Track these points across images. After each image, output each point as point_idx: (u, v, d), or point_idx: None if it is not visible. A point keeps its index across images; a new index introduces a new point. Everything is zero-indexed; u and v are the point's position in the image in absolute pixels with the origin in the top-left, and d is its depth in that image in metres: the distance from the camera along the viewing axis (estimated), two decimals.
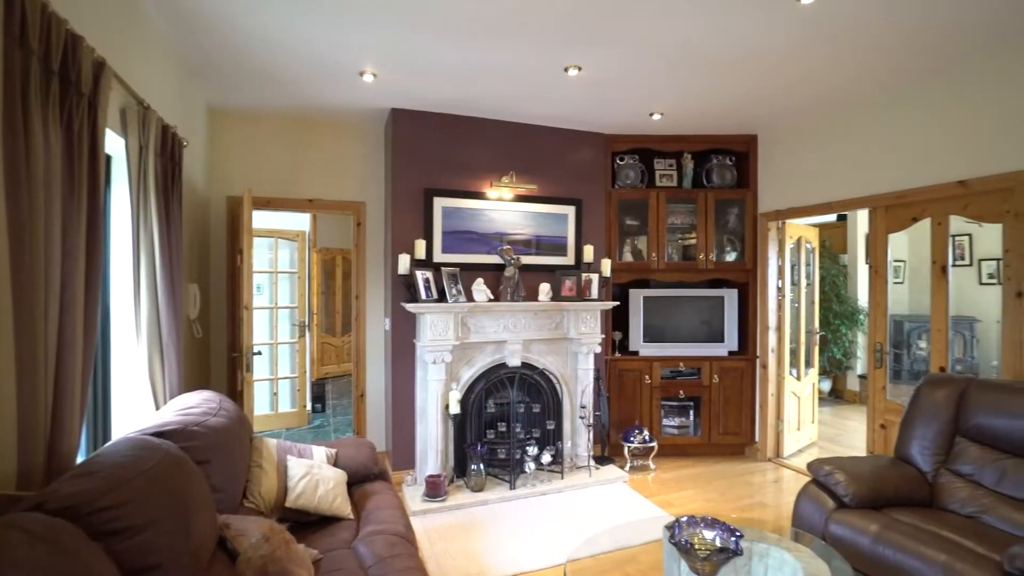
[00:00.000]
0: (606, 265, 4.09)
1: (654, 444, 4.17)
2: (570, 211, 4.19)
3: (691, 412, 4.45)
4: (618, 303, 4.25)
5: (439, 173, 3.90)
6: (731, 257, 4.48)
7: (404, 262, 3.64)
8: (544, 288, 3.93)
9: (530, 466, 3.71)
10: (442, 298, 3.66)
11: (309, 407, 5.72)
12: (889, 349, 3.57)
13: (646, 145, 4.41)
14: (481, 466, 3.61)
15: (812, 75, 3.19)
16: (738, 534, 1.79)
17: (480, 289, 3.76)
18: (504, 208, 4.03)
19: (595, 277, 4.01)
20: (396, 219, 3.81)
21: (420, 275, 3.61)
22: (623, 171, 4.41)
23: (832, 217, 6.27)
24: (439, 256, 3.87)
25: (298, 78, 3.25)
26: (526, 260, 4.02)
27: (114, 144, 2.10)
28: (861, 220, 6.21)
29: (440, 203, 3.88)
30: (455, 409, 3.62)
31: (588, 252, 4.09)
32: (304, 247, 5.76)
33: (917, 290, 5.49)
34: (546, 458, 3.77)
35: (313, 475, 2.21)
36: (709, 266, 4.38)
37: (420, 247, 3.71)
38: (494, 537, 3.05)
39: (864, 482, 2.38)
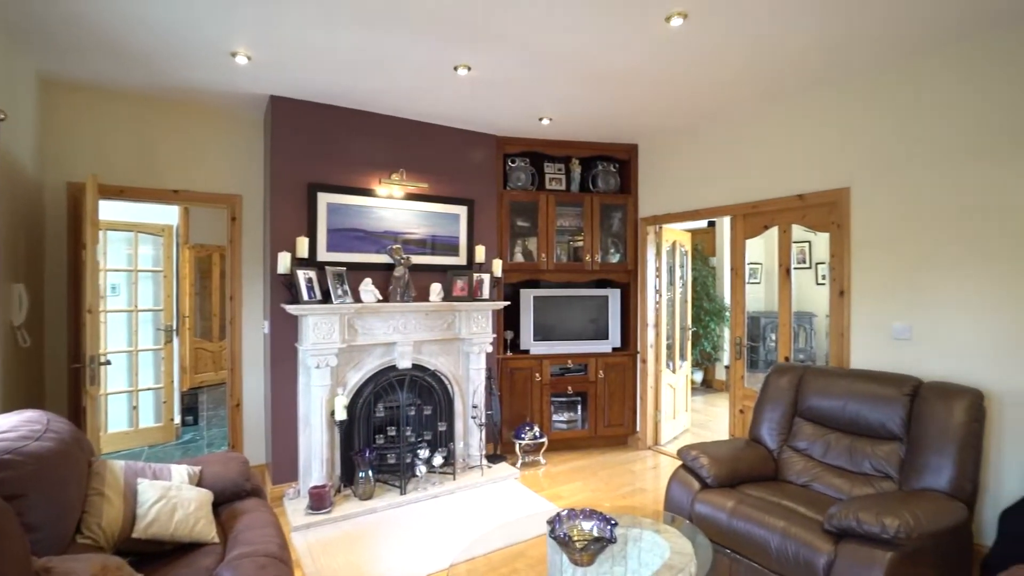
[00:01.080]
0: (497, 265, 4.14)
1: (544, 439, 4.31)
2: (462, 211, 4.19)
3: (579, 407, 4.66)
4: (509, 303, 4.34)
5: (324, 167, 3.70)
6: (615, 259, 4.76)
7: (284, 261, 3.40)
8: (435, 288, 3.88)
9: (421, 469, 3.65)
10: (327, 299, 3.48)
11: (178, 420, 5.15)
12: (747, 342, 4.01)
13: (536, 149, 4.54)
14: (370, 473, 3.48)
15: (682, 93, 3.48)
16: (613, 523, 1.89)
17: (368, 289, 3.63)
18: (394, 206, 3.92)
19: (487, 277, 4.05)
20: (276, 214, 3.55)
21: (302, 275, 3.40)
22: (514, 173, 4.50)
23: (703, 223, 6.92)
24: (324, 255, 3.67)
25: (157, 53, 2.89)
26: (418, 260, 3.95)
27: None
28: (727, 226, 6.91)
29: (325, 199, 3.68)
30: (341, 415, 3.46)
31: (480, 252, 4.11)
32: (171, 243, 5.17)
33: (771, 290, 6.23)
34: (438, 460, 3.73)
35: (170, 498, 1.98)
36: (595, 267, 4.61)
37: (303, 245, 3.49)
38: (383, 546, 2.95)
39: (724, 463, 2.64)
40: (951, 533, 2.05)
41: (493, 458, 4.16)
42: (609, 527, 1.85)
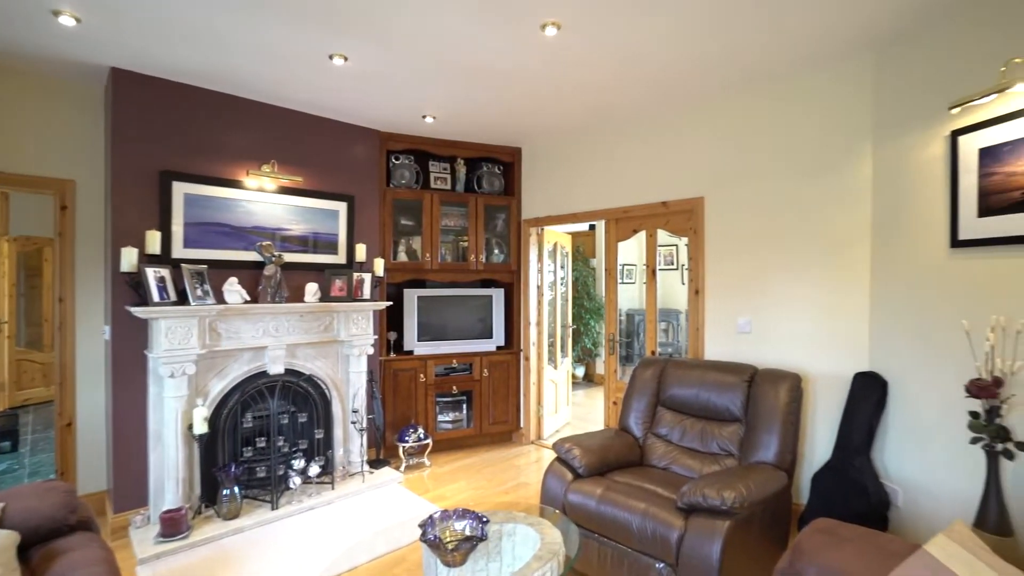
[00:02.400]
0: (379, 264, 4.02)
1: (429, 441, 4.27)
2: (342, 208, 4.00)
3: (464, 406, 4.68)
4: (392, 303, 4.24)
5: (181, 154, 3.33)
6: (499, 259, 4.85)
7: (130, 257, 3.01)
8: (312, 288, 3.67)
9: (295, 481, 3.43)
10: (183, 300, 3.13)
11: None
12: (619, 338, 4.30)
13: (421, 147, 4.47)
14: (236, 489, 3.19)
15: (560, 100, 3.63)
16: (485, 520, 1.92)
17: (233, 289, 3.33)
18: (266, 200, 3.64)
19: (368, 277, 3.91)
20: (119, 204, 3.12)
21: (152, 273, 3.02)
22: (398, 170, 4.40)
23: (584, 226, 7.29)
24: (181, 251, 3.30)
25: None
26: (293, 258, 3.71)
27: None
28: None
29: (182, 189, 3.31)
30: (201, 428, 3.14)
31: (361, 251, 3.96)
32: None
33: (644, 289, 6.72)
34: (314, 470, 3.53)
35: None
36: (479, 267, 4.66)
37: (153, 240, 3.11)
38: (251, 567, 2.73)
39: (594, 453, 2.80)
40: (776, 498, 2.37)
41: (376, 463, 4.03)
42: (481, 525, 1.88)
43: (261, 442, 3.45)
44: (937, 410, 2.44)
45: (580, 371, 7.59)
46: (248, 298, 3.41)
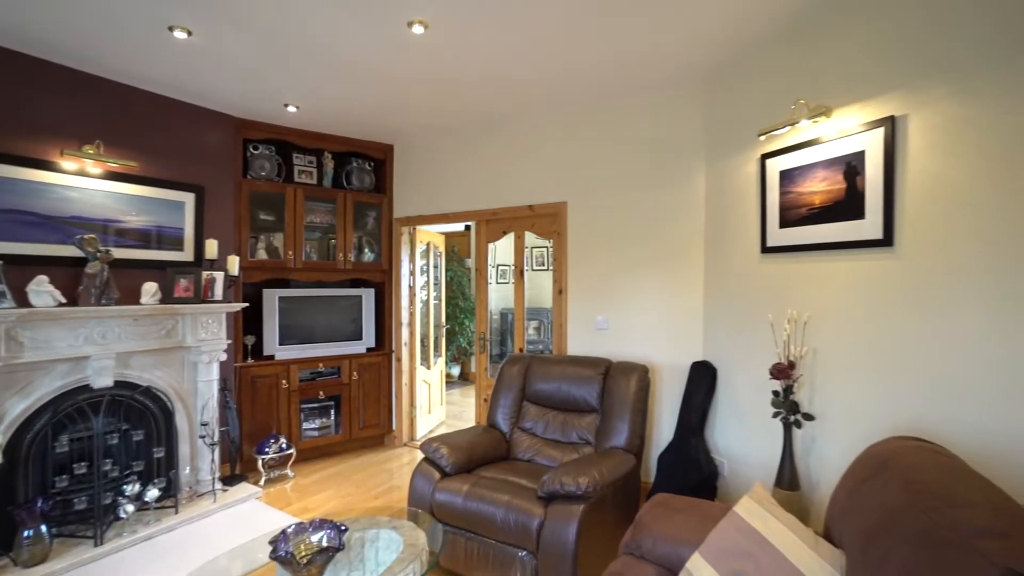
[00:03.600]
0: (233, 263, 3.67)
1: (292, 451, 4.00)
2: (189, 199, 3.59)
3: (332, 411, 4.46)
4: (248, 304, 3.91)
5: None
6: (369, 258, 4.71)
7: None
8: (150, 288, 3.25)
9: (128, 509, 3.00)
10: None
11: None
12: (493, 337, 4.41)
13: (284, 137, 4.18)
14: (43, 528, 2.71)
15: (430, 100, 3.63)
16: (343, 529, 1.86)
17: (43, 290, 2.83)
18: (91, 187, 3.15)
19: (220, 276, 3.56)
20: None
21: None
22: (257, 161, 4.06)
23: (460, 226, 7.34)
24: None
25: None
26: (128, 255, 3.27)
27: None
28: None
29: None
30: None
31: (211, 247, 3.59)
32: None
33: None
34: (153, 494, 3.13)
35: None
36: (348, 266, 4.48)
37: None
38: None
39: (462, 450, 2.84)
40: (626, 479, 2.61)
41: (231, 479, 3.69)
42: (339, 535, 1.81)
43: (82, 468, 2.97)
44: (750, 391, 2.87)
45: (456, 370, 7.64)
46: (64, 300, 2.92)
